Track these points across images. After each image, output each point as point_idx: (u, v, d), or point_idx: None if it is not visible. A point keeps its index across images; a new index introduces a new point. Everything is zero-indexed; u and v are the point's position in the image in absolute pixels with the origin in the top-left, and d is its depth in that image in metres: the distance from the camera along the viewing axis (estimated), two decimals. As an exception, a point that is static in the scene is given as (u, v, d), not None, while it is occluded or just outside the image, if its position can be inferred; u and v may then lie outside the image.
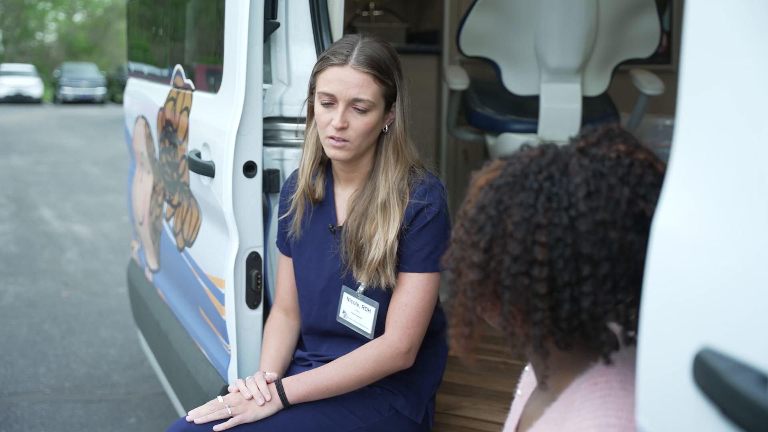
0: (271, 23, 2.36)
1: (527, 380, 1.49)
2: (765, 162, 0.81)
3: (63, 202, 10.47)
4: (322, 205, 2.20)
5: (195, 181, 2.58)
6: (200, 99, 2.65)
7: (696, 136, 0.92)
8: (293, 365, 2.28)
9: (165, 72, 3.15)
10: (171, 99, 2.94)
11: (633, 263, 1.11)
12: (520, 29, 3.14)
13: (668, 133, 3.49)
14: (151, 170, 3.32)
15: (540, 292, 1.13)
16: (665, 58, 4.05)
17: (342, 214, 2.18)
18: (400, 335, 2.04)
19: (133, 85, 3.72)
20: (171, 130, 2.90)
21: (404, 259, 2.06)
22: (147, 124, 3.29)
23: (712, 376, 0.81)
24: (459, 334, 1.27)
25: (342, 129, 2.02)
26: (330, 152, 2.06)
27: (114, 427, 4.20)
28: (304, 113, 2.25)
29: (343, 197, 2.18)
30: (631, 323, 1.15)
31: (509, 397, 2.63)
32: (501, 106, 3.45)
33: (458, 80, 3.42)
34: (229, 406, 2.01)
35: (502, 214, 1.17)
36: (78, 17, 47.25)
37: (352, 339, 2.16)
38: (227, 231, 2.34)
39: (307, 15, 2.40)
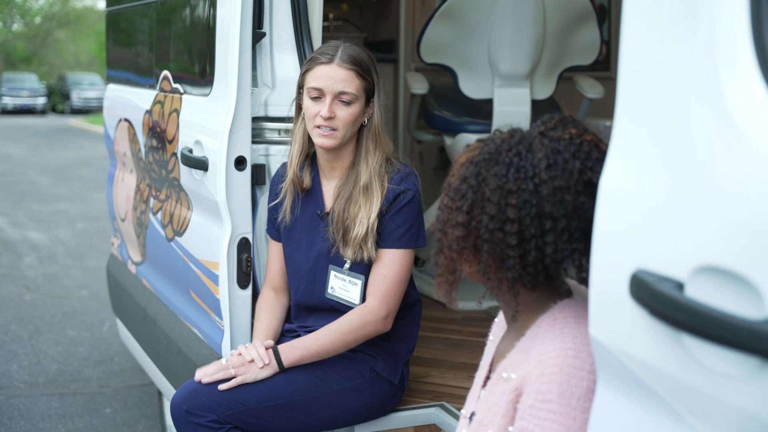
0: (257, 33, 2.64)
1: (496, 328, 1.80)
2: (682, 136, 1.13)
3: (15, 210, 10.52)
4: (309, 194, 2.48)
5: (186, 175, 2.85)
6: (190, 101, 2.92)
7: (629, 120, 1.24)
8: (282, 337, 2.55)
9: (151, 77, 3.40)
10: (158, 102, 3.20)
11: (584, 220, 1.43)
12: (474, 38, 3.47)
13: (608, 134, 3.84)
14: (135, 169, 3.56)
15: (511, 243, 1.44)
16: (605, 65, 4.40)
17: (329, 201, 2.47)
18: (380, 302, 2.34)
19: (114, 90, 3.96)
20: (159, 130, 3.15)
21: (383, 237, 2.36)
22: (131, 127, 3.54)
23: (644, 287, 1.12)
24: (443, 282, 1.57)
25: (329, 119, 2.32)
26: (318, 141, 2.36)
27: (91, 417, 4.41)
28: (293, 112, 2.55)
29: (329, 187, 2.47)
30: (584, 267, 1.46)
31: (471, 367, 2.96)
32: (457, 109, 3.77)
33: (419, 85, 3.74)
34: (232, 368, 2.28)
35: (481, 183, 1.48)
36: (16, 26, 46.59)
37: (336, 312, 2.44)
38: (220, 219, 2.61)
39: (289, 25, 2.68)
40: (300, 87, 2.42)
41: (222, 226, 2.60)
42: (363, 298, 2.40)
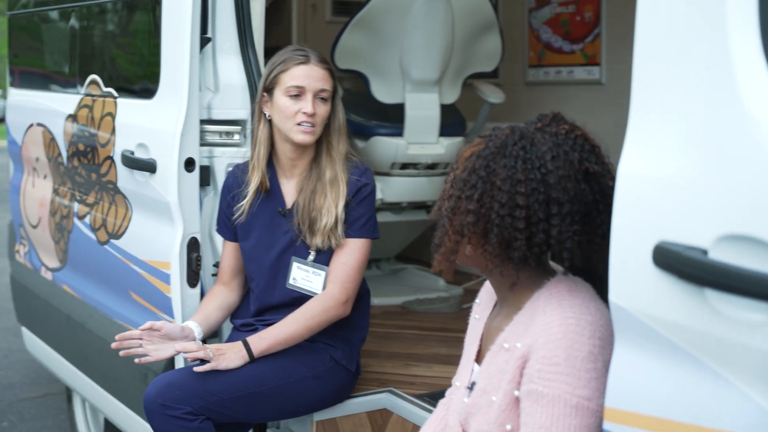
0: (203, 38, 2.72)
1: (479, 309, 1.97)
2: (698, 122, 1.34)
3: None
4: (268, 194, 2.58)
5: (126, 177, 2.87)
6: (129, 105, 2.94)
7: (642, 115, 1.45)
8: (237, 332, 2.64)
9: (74, 82, 3.38)
10: (84, 106, 3.19)
11: (583, 204, 1.63)
12: (388, 46, 3.64)
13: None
14: (51, 174, 3.52)
15: (520, 227, 1.63)
16: (494, 72, 4.67)
17: (289, 198, 2.58)
18: (340, 288, 2.48)
19: (21, 95, 3.87)
20: (87, 134, 3.15)
21: (345, 226, 2.50)
22: (47, 131, 3.49)
23: (671, 255, 1.32)
24: (445, 260, 1.74)
25: (312, 115, 2.44)
26: (300, 138, 2.48)
27: (-12, 432, 4.29)
28: (231, 116, 2.68)
29: (289, 185, 2.59)
30: (583, 245, 1.66)
31: (404, 356, 3.14)
32: (367, 114, 3.93)
33: (333, 90, 3.87)
34: (210, 351, 2.36)
35: (490, 174, 1.65)
36: None
37: (295, 306, 2.54)
38: (167, 220, 2.67)
39: (233, 31, 2.77)
40: (267, 90, 2.51)
41: (173, 227, 2.65)
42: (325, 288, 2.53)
